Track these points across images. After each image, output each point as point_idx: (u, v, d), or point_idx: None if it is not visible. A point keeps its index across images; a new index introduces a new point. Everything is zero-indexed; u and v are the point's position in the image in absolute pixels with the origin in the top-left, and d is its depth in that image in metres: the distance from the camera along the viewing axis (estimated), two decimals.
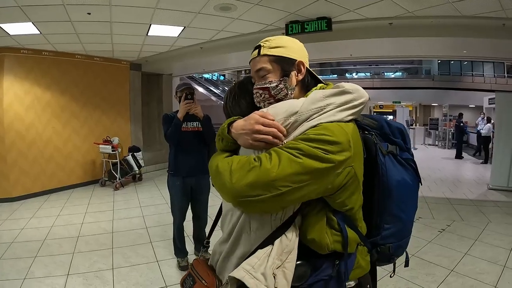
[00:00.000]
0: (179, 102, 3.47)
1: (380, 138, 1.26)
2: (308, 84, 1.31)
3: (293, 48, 1.28)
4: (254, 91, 1.30)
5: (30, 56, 6.95)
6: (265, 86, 1.25)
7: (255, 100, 1.31)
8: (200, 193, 3.72)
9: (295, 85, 1.28)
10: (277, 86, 1.24)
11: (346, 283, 1.17)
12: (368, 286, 1.27)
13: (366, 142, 1.22)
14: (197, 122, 3.58)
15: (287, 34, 5.86)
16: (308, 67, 1.30)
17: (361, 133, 1.20)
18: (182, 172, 3.54)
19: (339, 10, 5.27)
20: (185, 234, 3.82)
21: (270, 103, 1.23)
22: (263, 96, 1.26)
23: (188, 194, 3.66)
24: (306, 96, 1.18)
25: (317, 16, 5.58)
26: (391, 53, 7.88)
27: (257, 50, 1.30)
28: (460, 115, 13.71)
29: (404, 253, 1.39)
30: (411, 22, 5.50)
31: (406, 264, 1.46)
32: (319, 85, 1.30)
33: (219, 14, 5.37)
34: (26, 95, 6.92)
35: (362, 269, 1.23)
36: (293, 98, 1.24)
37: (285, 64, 1.25)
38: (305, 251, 1.13)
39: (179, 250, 3.78)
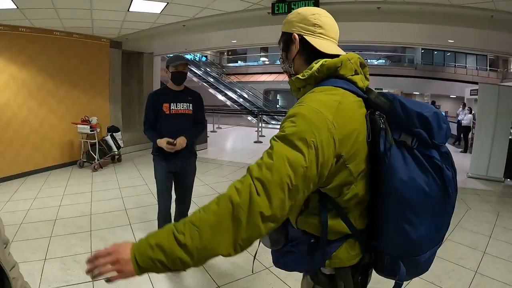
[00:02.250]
0: (171, 78, 3.20)
1: (396, 125, 1.02)
2: (313, 56, 1.17)
3: (293, 20, 1.22)
4: None
5: (6, 33, 6.59)
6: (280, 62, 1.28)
7: None
8: (185, 176, 3.49)
9: (292, 59, 1.23)
10: (282, 61, 1.27)
11: (321, 268, 1.15)
12: (343, 283, 1.15)
13: (373, 125, 1.05)
14: (188, 104, 3.29)
15: (273, 13, 5.79)
16: (306, 39, 1.19)
17: (368, 113, 1.07)
18: (166, 153, 3.19)
19: None
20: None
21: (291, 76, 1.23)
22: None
23: (172, 177, 3.44)
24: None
25: None
26: (377, 38, 7.86)
27: None
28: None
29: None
30: (399, 8, 5.48)
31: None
32: (321, 61, 1.13)
33: None
34: (1, 74, 6.59)
35: (340, 260, 1.12)
36: (296, 73, 1.21)
37: (285, 39, 1.24)
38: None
39: None
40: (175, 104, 3.23)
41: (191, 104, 3.30)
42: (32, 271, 3.21)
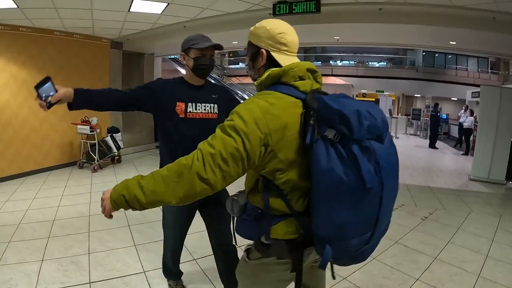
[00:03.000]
0: (192, 68, 2.21)
1: (324, 121, 1.16)
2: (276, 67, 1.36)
3: (262, 36, 1.38)
4: None
5: (7, 32, 6.59)
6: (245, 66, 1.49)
7: None
8: (215, 203, 2.23)
9: (258, 69, 1.42)
10: (249, 69, 1.47)
11: (261, 237, 1.37)
12: (275, 252, 1.34)
13: (305, 122, 1.21)
14: (212, 105, 2.30)
15: (274, 14, 5.74)
16: (272, 54, 1.37)
17: (303, 112, 1.23)
18: None
19: None
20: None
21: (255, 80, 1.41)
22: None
23: (190, 206, 2.10)
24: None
25: None
26: (379, 40, 7.86)
27: None
28: (436, 105, 13.86)
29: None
30: (401, 9, 5.46)
31: (333, 277, 1.44)
32: (269, 70, 1.33)
33: None
34: (1, 73, 6.58)
35: (277, 233, 1.32)
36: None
37: (253, 51, 1.42)
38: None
39: (171, 272, 2.83)
40: (193, 104, 2.24)
41: (216, 105, 2.32)
42: (29, 272, 3.18)
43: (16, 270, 3.23)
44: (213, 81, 2.21)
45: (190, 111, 2.22)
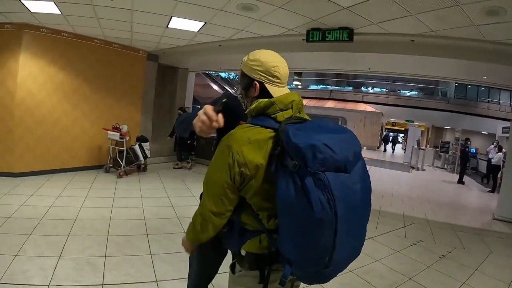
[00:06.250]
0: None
1: (288, 152, 1.25)
2: (267, 97, 1.46)
3: (256, 69, 1.46)
4: None
5: (49, 35, 6.99)
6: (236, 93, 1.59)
7: None
8: None
9: (251, 98, 1.50)
10: (242, 97, 1.55)
11: (240, 249, 1.50)
12: (247, 264, 1.47)
13: (272, 152, 1.32)
14: None
15: (307, 41, 5.82)
16: (265, 87, 1.46)
17: (273, 142, 1.34)
18: None
19: (362, 22, 5.22)
20: None
21: (245, 108, 1.52)
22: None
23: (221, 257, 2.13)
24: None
25: (339, 26, 5.54)
26: (410, 71, 7.80)
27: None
28: (467, 140, 13.45)
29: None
30: (433, 41, 5.43)
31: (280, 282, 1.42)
32: (256, 102, 1.44)
33: (241, 14, 5.35)
34: (40, 73, 6.97)
35: (249, 247, 1.46)
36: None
37: (247, 82, 1.50)
38: None
39: None
40: None
41: None
42: (46, 266, 3.29)
43: (33, 262, 3.36)
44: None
45: None
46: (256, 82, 1.46)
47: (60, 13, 5.80)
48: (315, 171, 1.17)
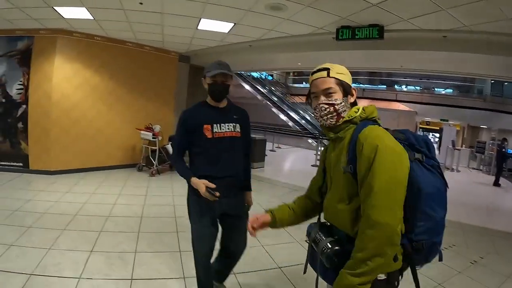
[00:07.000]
0: (208, 91, 2.48)
1: (408, 148, 1.44)
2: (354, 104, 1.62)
3: (349, 76, 1.59)
4: (319, 105, 1.55)
5: (82, 40, 7.23)
6: (331, 102, 1.53)
7: (316, 114, 1.59)
8: (236, 218, 2.59)
9: (350, 104, 1.60)
10: (341, 103, 1.54)
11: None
12: (396, 283, 1.47)
13: None
14: (235, 124, 2.52)
15: (337, 39, 5.70)
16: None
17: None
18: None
19: (392, 19, 5.05)
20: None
21: (332, 117, 1.54)
22: (327, 110, 1.54)
23: (216, 222, 2.60)
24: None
25: (369, 23, 5.38)
26: (443, 68, 7.48)
27: (326, 72, 1.55)
28: (504, 140, 12.74)
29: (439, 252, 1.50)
30: (466, 37, 5.17)
31: (440, 259, 1.53)
32: (355, 107, 1.59)
33: (270, 14, 5.30)
34: (75, 76, 7.22)
35: (388, 265, 1.39)
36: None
37: (345, 88, 1.56)
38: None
39: None
40: (218, 125, 2.46)
41: (238, 125, 2.54)
42: (78, 260, 3.38)
43: (66, 256, 3.45)
44: (233, 102, 2.59)
45: (216, 131, 2.44)
46: (354, 88, 1.60)
47: (92, 18, 5.96)
48: (433, 155, 1.49)
